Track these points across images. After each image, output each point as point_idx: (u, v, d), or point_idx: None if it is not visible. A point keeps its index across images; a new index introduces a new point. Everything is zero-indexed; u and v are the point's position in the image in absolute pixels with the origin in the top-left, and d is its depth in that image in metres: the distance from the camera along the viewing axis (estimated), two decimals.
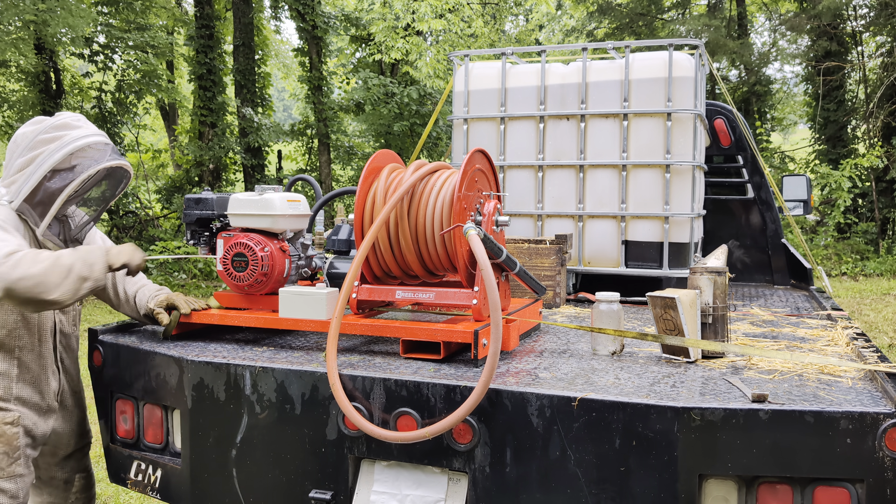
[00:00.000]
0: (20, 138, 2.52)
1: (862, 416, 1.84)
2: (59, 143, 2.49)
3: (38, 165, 2.47)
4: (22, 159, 2.49)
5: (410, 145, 18.64)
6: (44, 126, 2.52)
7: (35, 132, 2.50)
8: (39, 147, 2.49)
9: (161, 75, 18.34)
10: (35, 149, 2.49)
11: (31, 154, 2.48)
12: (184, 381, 2.47)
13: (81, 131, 2.54)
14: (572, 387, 2.12)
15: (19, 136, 2.54)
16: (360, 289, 2.68)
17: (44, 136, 2.49)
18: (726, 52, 17.22)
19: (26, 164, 2.48)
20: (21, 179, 2.48)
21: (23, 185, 2.47)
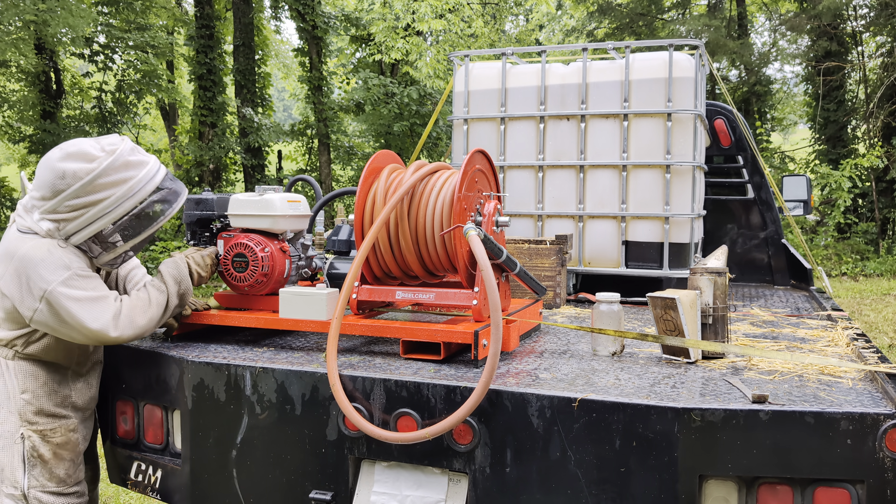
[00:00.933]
0: (70, 177, 2.28)
1: (862, 417, 1.84)
2: (128, 189, 2.35)
3: (105, 211, 2.33)
4: (76, 201, 2.30)
5: (410, 145, 18.64)
6: (103, 167, 2.30)
7: (93, 173, 2.29)
8: (103, 191, 2.31)
9: (161, 75, 18.35)
10: (97, 192, 2.31)
11: (91, 197, 2.31)
12: (184, 381, 2.47)
13: (147, 171, 2.41)
14: (572, 387, 2.12)
15: (67, 173, 2.28)
16: (361, 289, 2.68)
17: (106, 179, 2.31)
18: (726, 53, 17.22)
19: (85, 206, 2.31)
20: (79, 221, 2.33)
21: (83, 226, 2.33)
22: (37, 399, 2.42)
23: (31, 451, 2.40)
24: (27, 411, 2.41)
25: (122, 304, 2.39)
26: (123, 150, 2.37)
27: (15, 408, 2.40)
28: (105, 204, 2.33)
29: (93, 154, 2.33)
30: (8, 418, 2.40)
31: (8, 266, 2.32)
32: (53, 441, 2.44)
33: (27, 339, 2.41)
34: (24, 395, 2.41)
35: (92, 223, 2.35)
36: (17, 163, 23.57)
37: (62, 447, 2.47)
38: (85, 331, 2.30)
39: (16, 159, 24.25)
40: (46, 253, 2.30)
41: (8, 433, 2.40)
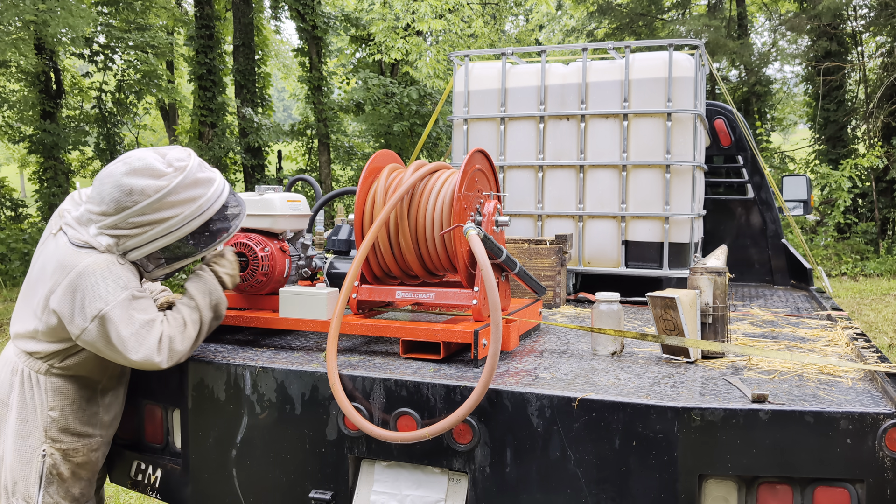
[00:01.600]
0: (137, 194, 2.21)
1: (862, 417, 1.84)
2: (197, 209, 2.29)
3: (170, 230, 2.27)
4: (144, 218, 2.24)
5: (410, 145, 18.64)
6: (173, 185, 2.24)
7: (162, 191, 2.23)
8: (171, 209, 2.25)
9: (161, 75, 18.36)
10: (164, 210, 2.25)
11: (158, 215, 2.25)
12: (184, 381, 2.47)
13: (215, 188, 2.35)
14: (572, 387, 2.12)
15: (134, 189, 2.21)
16: (360, 289, 2.68)
17: (175, 197, 2.25)
18: (726, 53, 17.22)
19: (151, 224, 2.25)
20: (142, 237, 2.26)
21: (145, 243, 2.27)
22: (64, 417, 2.34)
23: (50, 468, 2.33)
24: (53, 428, 2.33)
25: (163, 329, 2.29)
26: (192, 166, 2.31)
27: (40, 423, 2.32)
28: (172, 223, 2.27)
29: (161, 170, 2.25)
30: (32, 433, 2.32)
31: (61, 280, 2.22)
32: (74, 461, 2.38)
33: (64, 354, 2.33)
34: (52, 412, 2.33)
35: (154, 241, 2.28)
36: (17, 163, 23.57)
37: (82, 467, 2.41)
38: (130, 356, 2.22)
39: (16, 159, 24.26)
40: (106, 271, 2.22)
41: (29, 448, 2.32)
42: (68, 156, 18.12)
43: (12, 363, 2.37)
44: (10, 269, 13.86)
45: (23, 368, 2.34)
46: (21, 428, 2.32)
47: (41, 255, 2.36)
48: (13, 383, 2.34)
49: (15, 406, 2.33)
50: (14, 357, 2.37)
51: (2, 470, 2.34)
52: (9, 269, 13.85)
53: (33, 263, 2.40)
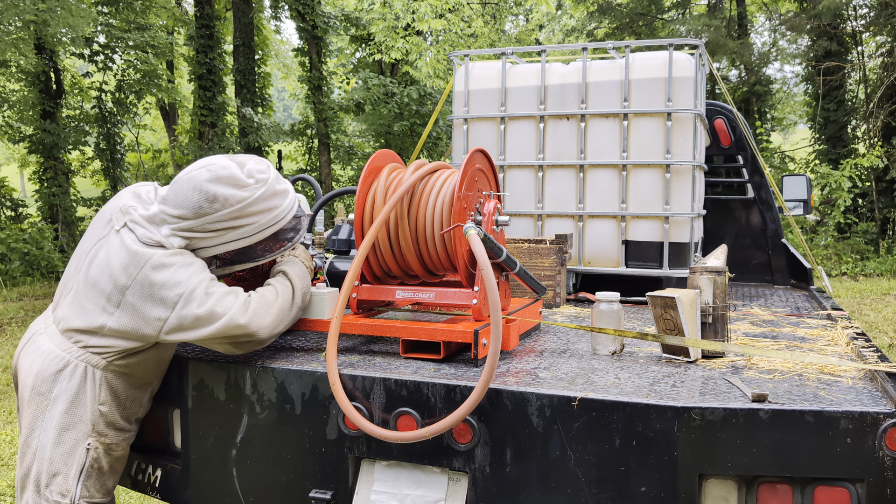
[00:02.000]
0: (221, 202, 2.27)
1: (862, 416, 1.84)
2: (272, 218, 2.37)
3: (244, 236, 2.34)
4: (220, 224, 2.30)
5: (410, 145, 18.64)
6: (255, 196, 2.32)
7: (244, 202, 2.30)
8: (249, 217, 2.33)
9: (161, 75, 18.36)
10: (242, 218, 2.32)
11: (235, 223, 2.31)
12: (184, 380, 2.47)
13: (290, 200, 2.44)
14: (572, 386, 2.12)
15: (217, 197, 2.27)
16: (360, 288, 2.68)
17: (255, 208, 2.32)
18: (726, 52, 17.22)
19: (226, 229, 2.32)
20: (214, 240, 2.33)
21: (214, 245, 2.33)
22: (112, 412, 2.35)
23: (92, 461, 2.32)
24: (100, 423, 2.32)
25: (250, 296, 2.35)
26: (272, 178, 2.38)
27: (89, 417, 2.30)
28: (247, 230, 2.34)
29: (244, 181, 2.31)
30: (77, 426, 2.30)
31: (136, 276, 2.24)
32: (114, 455, 2.39)
33: (128, 352, 2.32)
34: (102, 406, 2.32)
35: (225, 244, 2.35)
36: (17, 163, 23.58)
37: (118, 461, 2.42)
38: (213, 325, 2.24)
39: (16, 159, 24.26)
40: (182, 260, 2.27)
41: (73, 440, 2.29)
42: (68, 156, 18.12)
43: (57, 356, 2.30)
44: (10, 270, 13.86)
45: (76, 363, 2.29)
46: (67, 420, 2.29)
47: (102, 249, 2.33)
48: (59, 377, 2.29)
49: (62, 399, 2.28)
50: (61, 351, 2.31)
51: (32, 462, 2.29)
52: (9, 270, 13.85)
53: (88, 255, 2.36)
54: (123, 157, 18.71)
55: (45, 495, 2.27)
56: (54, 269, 14.56)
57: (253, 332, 2.31)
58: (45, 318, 2.46)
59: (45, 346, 2.34)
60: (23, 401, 2.34)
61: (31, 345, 2.38)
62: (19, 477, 2.32)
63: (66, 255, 15.51)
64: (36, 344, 2.37)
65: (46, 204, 16.90)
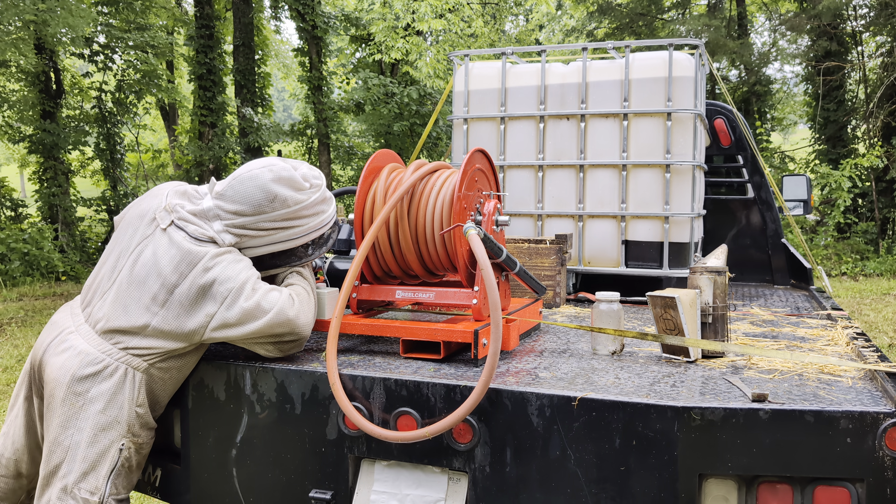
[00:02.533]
0: (280, 202, 2.37)
1: (862, 416, 1.84)
2: (319, 222, 2.49)
3: (292, 237, 2.44)
4: (274, 224, 2.39)
5: (410, 145, 18.64)
6: (311, 200, 2.44)
7: (301, 204, 2.41)
8: (300, 219, 2.44)
9: (161, 75, 18.37)
10: (295, 219, 2.42)
11: (288, 223, 2.41)
12: (184, 380, 2.47)
13: (333, 207, 2.57)
14: (572, 386, 2.12)
15: (278, 197, 2.36)
16: (360, 288, 2.68)
17: (308, 211, 2.44)
18: (726, 52, 17.22)
19: (277, 229, 2.41)
20: (263, 239, 2.41)
21: (263, 244, 2.42)
22: (147, 413, 2.36)
23: (124, 461, 2.33)
24: (136, 423, 2.34)
25: (292, 291, 2.43)
26: (324, 185, 2.51)
27: (125, 418, 2.31)
28: (295, 231, 2.44)
29: (302, 184, 2.43)
30: (113, 426, 2.30)
31: (188, 272, 2.28)
32: (143, 453, 2.40)
33: (169, 355, 2.34)
34: (139, 408, 2.33)
35: (272, 245, 2.43)
36: (17, 163, 23.58)
37: (145, 457, 2.44)
38: (262, 319, 2.29)
39: (16, 159, 24.26)
40: (233, 258, 2.34)
41: (108, 440, 2.30)
42: (68, 156, 18.12)
43: (95, 358, 2.29)
44: (10, 270, 13.86)
45: (117, 365, 2.29)
46: (103, 420, 2.28)
47: (147, 248, 2.33)
48: (97, 378, 2.28)
49: (99, 400, 2.28)
50: (99, 353, 2.30)
51: (62, 460, 2.28)
52: (9, 270, 13.85)
53: (132, 255, 2.36)
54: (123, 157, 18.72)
55: (73, 492, 2.26)
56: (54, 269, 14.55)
57: (300, 327, 2.38)
58: (72, 315, 2.42)
59: (80, 346, 2.32)
60: (54, 399, 2.30)
61: (62, 343, 2.35)
62: (44, 475, 2.30)
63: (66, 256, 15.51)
64: (68, 343, 2.34)
65: (46, 204, 16.90)
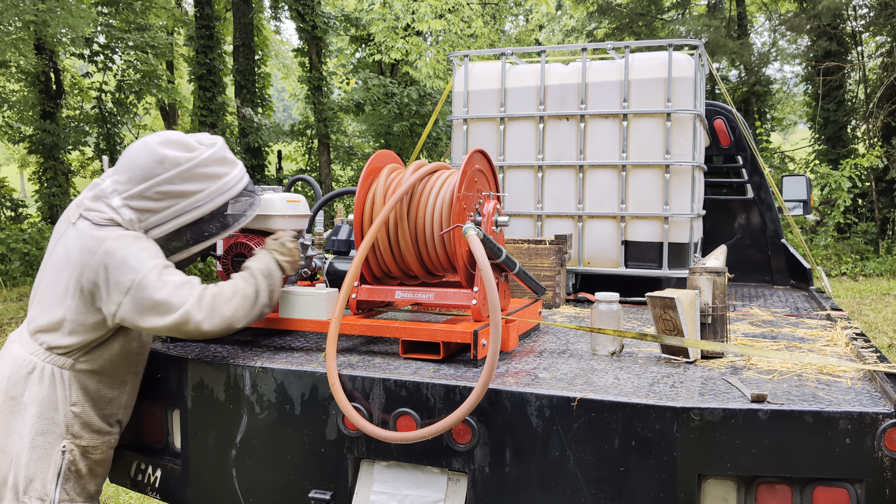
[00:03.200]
0: (169, 163, 2.24)
1: (861, 417, 1.84)
2: (222, 185, 2.33)
3: (197, 205, 2.29)
4: (171, 187, 2.25)
5: (410, 145, 18.64)
6: (203, 158, 2.30)
7: (191, 163, 2.27)
8: (198, 182, 2.29)
9: (161, 75, 18.37)
10: (191, 182, 2.28)
11: (185, 187, 2.27)
12: (184, 381, 2.47)
13: (239, 170, 2.41)
14: (572, 387, 2.12)
15: (167, 158, 2.25)
16: (360, 289, 2.68)
17: (204, 170, 2.30)
18: (726, 53, 17.23)
19: (177, 196, 2.27)
20: (167, 212, 2.28)
21: (169, 219, 2.28)
22: (86, 413, 2.32)
23: (69, 464, 2.29)
24: (74, 424, 2.30)
25: (207, 289, 2.29)
26: (221, 146, 2.38)
27: (61, 419, 2.28)
28: (198, 197, 2.30)
29: (193, 145, 2.32)
30: (52, 429, 2.28)
31: (90, 260, 2.21)
32: (93, 458, 2.36)
33: (90, 347, 2.31)
34: (75, 407, 2.30)
35: (178, 217, 2.29)
36: (17, 163, 23.57)
37: (99, 464, 2.40)
38: (167, 317, 2.20)
39: (16, 159, 24.25)
40: (134, 242, 2.22)
41: (48, 444, 2.27)
42: (68, 156, 18.13)
43: (26, 360, 2.30)
44: (10, 270, 13.85)
45: (44, 366, 2.28)
46: (40, 424, 2.26)
47: (60, 244, 2.32)
48: (28, 381, 2.28)
49: (33, 403, 2.27)
50: (29, 354, 2.30)
51: (10, 469, 2.28)
52: (9, 270, 13.85)
53: (50, 256, 2.36)
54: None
55: (23, 501, 2.25)
56: None
57: (206, 331, 2.26)
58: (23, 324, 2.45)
59: (15, 351, 2.35)
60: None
61: (5, 351, 2.39)
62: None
63: None
64: (8, 349, 2.38)
65: (46, 204, 16.90)
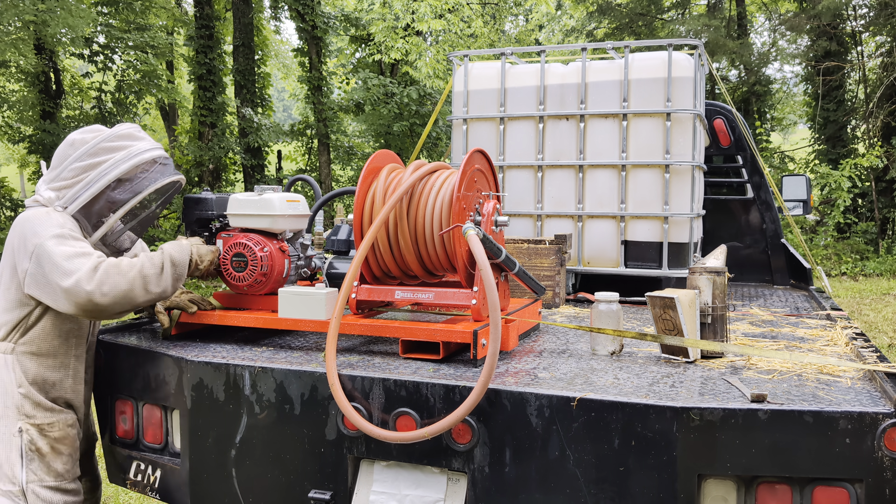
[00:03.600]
0: (78, 143, 2.47)
1: (861, 416, 1.84)
2: (126, 154, 2.48)
3: (103, 174, 2.45)
4: (80, 164, 2.45)
5: (410, 145, 18.64)
6: (107, 134, 2.48)
7: (96, 139, 2.47)
8: (103, 154, 2.46)
9: (161, 75, 18.35)
10: (98, 156, 2.45)
11: (92, 160, 2.45)
12: (183, 381, 2.47)
13: (146, 143, 2.55)
14: (571, 387, 2.12)
15: (76, 140, 2.48)
16: (360, 289, 2.68)
17: (108, 143, 2.47)
18: (726, 52, 17.22)
19: (86, 169, 2.45)
20: (79, 186, 2.45)
21: (81, 191, 2.45)
22: (32, 394, 2.44)
23: (28, 444, 2.41)
24: (25, 404, 2.42)
25: (103, 262, 2.36)
26: (132, 127, 2.55)
27: (12, 402, 2.41)
28: (104, 167, 2.45)
29: (103, 128, 2.52)
30: (5, 413, 2.41)
31: (12, 238, 2.41)
32: (51, 435, 2.46)
33: (25, 326, 2.43)
34: (21, 388, 2.42)
35: (89, 187, 2.44)
36: (17, 163, 23.57)
37: (60, 441, 2.49)
38: (63, 283, 2.29)
39: (16, 159, 24.24)
40: (44, 214, 2.40)
41: (6, 428, 2.41)
42: None
43: None
44: None
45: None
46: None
47: None
48: None
49: None
50: None
51: None
52: None
53: None
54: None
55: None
56: None
57: (99, 303, 2.32)
58: None
59: None
60: None
61: None
62: None
63: None
64: None
65: None
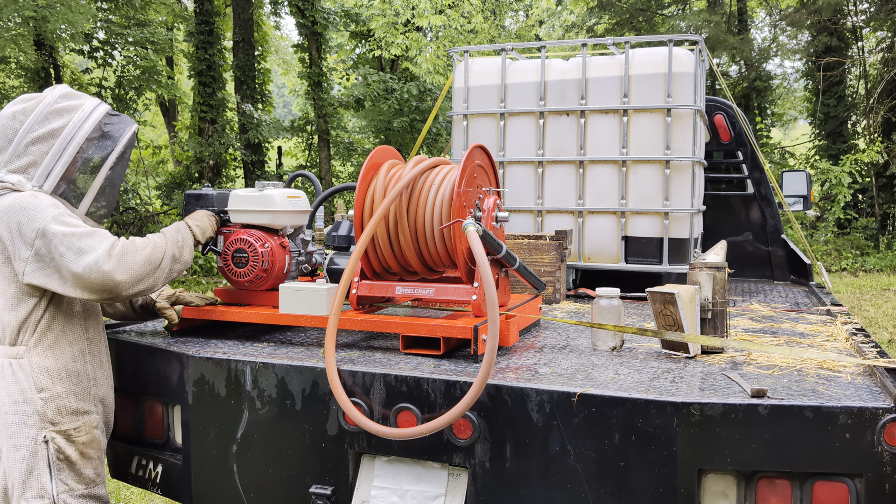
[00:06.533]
0: (20, 114, 2.22)
1: (861, 411, 1.84)
2: (83, 112, 2.28)
3: (69, 138, 2.24)
4: (34, 134, 2.21)
5: (410, 141, 18.63)
6: (49, 99, 2.26)
7: (40, 106, 2.24)
8: (57, 118, 2.24)
9: (161, 71, 18.33)
10: (50, 121, 2.23)
11: (48, 127, 2.22)
12: (185, 376, 2.48)
13: (92, 101, 2.35)
14: (572, 382, 2.12)
15: (16, 112, 2.23)
16: (360, 285, 2.69)
17: (56, 106, 2.25)
18: (726, 48, 17.21)
19: (44, 139, 2.22)
20: (47, 159, 2.22)
21: (52, 163, 2.22)
22: (56, 397, 2.21)
23: (56, 453, 2.20)
24: (48, 411, 2.19)
25: (118, 240, 2.20)
26: (65, 87, 2.34)
27: (32, 410, 2.17)
28: (66, 131, 2.24)
29: (35, 95, 2.30)
30: (25, 423, 2.17)
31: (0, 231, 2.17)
32: (79, 440, 2.26)
33: (34, 324, 2.20)
34: (42, 393, 2.19)
35: (59, 158, 2.23)
36: None
37: (88, 446, 2.29)
38: (78, 265, 2.10)
39: None
40: (32, 197, 2.16)
41: (28, 440, 2.17)
42: None
43: None
44: None
45: (1, 361, 2.20)
46: (14, 421, 2.17)
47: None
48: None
49: (2, 401, 2.18)
50: None
51: (3, 476, 2.18)
52: None
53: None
54: None
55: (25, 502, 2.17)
56: None
57: (119, 281, 2.16)
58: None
59: None
60: None
61: None
62: None
63: None
64: None
65: None
